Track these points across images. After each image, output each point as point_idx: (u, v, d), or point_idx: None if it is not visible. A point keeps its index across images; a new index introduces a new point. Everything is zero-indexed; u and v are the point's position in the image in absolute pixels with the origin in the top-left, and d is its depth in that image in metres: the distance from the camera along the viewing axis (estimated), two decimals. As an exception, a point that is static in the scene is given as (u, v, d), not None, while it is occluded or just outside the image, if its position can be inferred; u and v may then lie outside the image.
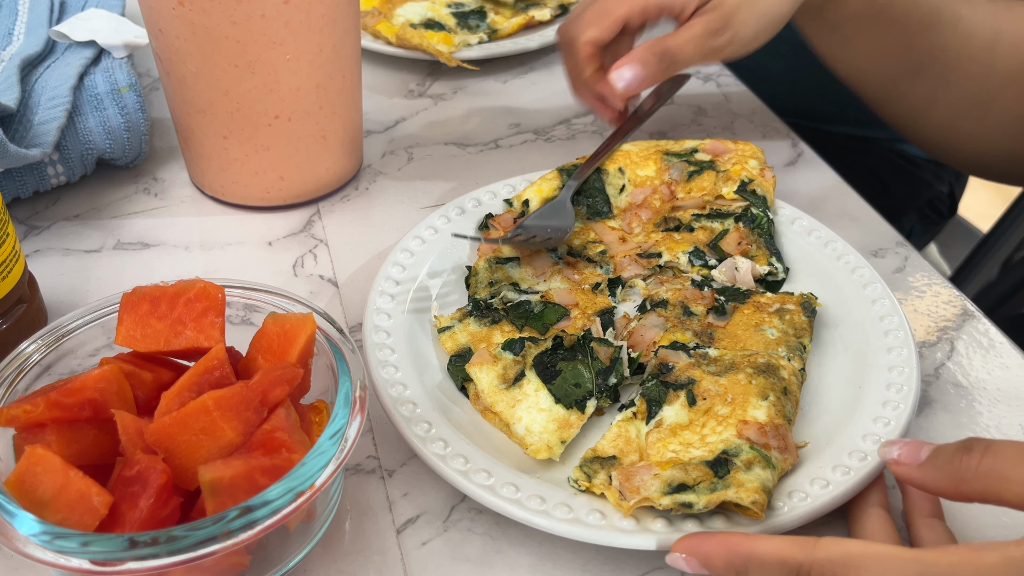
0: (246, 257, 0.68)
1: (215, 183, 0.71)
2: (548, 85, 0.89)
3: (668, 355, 0.55)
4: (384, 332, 0.57)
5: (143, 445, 0.42)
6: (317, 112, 0.67)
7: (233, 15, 0.60)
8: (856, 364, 0.56)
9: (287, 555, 0.46)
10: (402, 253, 0.63)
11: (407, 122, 0.84)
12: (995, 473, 0.39)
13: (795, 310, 0.58)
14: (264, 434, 0.42)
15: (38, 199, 0.72)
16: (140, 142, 0.72)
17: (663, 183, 0.69)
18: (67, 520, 0.39)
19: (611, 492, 0.47)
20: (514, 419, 0.52)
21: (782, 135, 0.83)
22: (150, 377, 0.46)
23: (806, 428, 0.53)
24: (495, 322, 0.58)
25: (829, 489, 0.48)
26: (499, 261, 0.63)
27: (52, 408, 0.42)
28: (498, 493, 0.48)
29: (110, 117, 0.70)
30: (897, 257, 0.69)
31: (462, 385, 0.56)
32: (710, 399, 0.52)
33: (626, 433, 0.51)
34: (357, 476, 0.52)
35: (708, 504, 0.45)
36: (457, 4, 0.96)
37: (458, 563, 0.48)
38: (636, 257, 0.64)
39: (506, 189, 0.69)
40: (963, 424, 0.56)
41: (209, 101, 0.65)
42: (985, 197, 2.37)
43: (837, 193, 0.76)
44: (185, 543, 0.38)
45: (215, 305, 0.47)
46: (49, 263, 0.67)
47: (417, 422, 0.51)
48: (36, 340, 0.48)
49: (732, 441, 0.49)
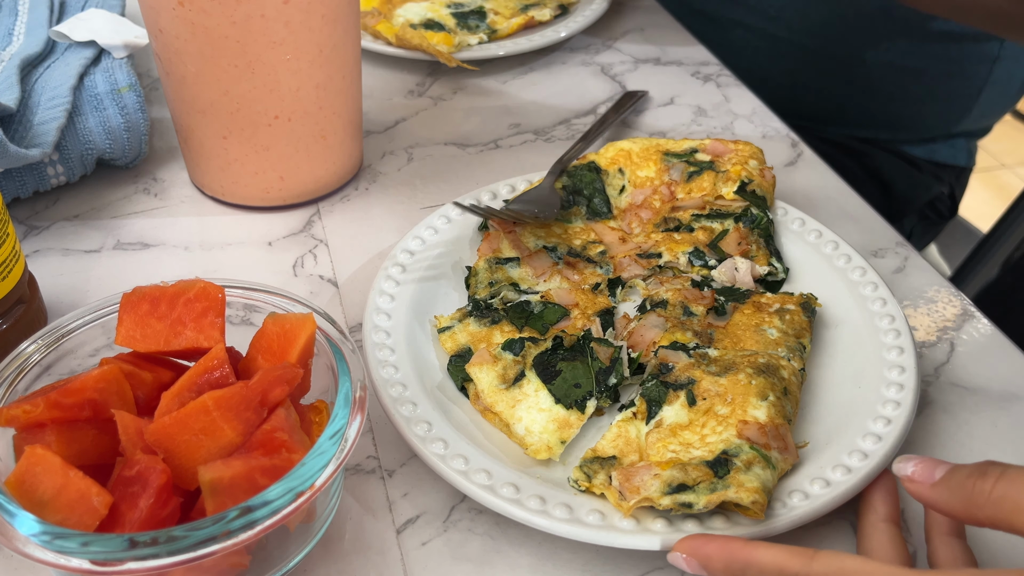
0: (246, 257, 0.68)
1: (215, 183, 0.71)
2: (548, 85, 0.89)
3: (668, 355, 0.55)
4: (384, 332, 0.57)
5: (143, 445, 0.42)
6: (317, 112, 0.67)
7: (233, 15, 0.60)
8: (856, 364, 0.56)
9: (287, 555, 0.46)
10: (402, 253, 0.63)
11: (407, 122, 0.84)
12: (1008, 501, 0.38)
13: (795, 310, 0.58)
14: (264, 434, 0.42)
15: (38, 199, 0.72)
16: (140, 142, 0.72)
17: (663, 183, 0.69)
18: (67, 520, 0.39)
19: (611, 492, 0.47)
20: (514, 419, 0.52)
21: (782, 135, 0.83)
22: (150, 377, 0.46)
23: (806, 428, 0.53)
24: (495, 322, 0.58)
25: (829, 489, 0.48)
26: (499, 261, 0.63)
27: (52, 408, 0.42)
28: (498, 493, 0.48)
29: (110, 117, 0.70)
30: (897, 257, 0.69)
31: (462, 385, 0.56)
32: (710, 399, 0.52)
33: (626, 433, 0.51)
34: (357, 476, 0.52)
35: (708, 504, 0.45)
36: (457, 4, 0.96)
37: (458, 563, 0.48)
38: (636, 257, 0.64)
39: (506, 189, 0.69)
40: (963, 424, 0.56)
41: (209, 101, 0.65)
42: (985, 197, 2.38)
43: (837, 193, 0.76)
44: (185, 543, 0.38)
45: (215, 305, 0.47)
46: (49, 263, 0.67)
47: (417, 422, 0.51)
48: (36, 340, 0.48)
49: (732, 441, 0.49)
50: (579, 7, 0.99)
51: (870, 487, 0.49)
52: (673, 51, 0.96)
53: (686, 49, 0.96)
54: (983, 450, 0.54)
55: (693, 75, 0.91)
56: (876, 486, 0.48)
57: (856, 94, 1.05)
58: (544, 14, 0.96)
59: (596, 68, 0.93)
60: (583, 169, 0.70)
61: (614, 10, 1.03)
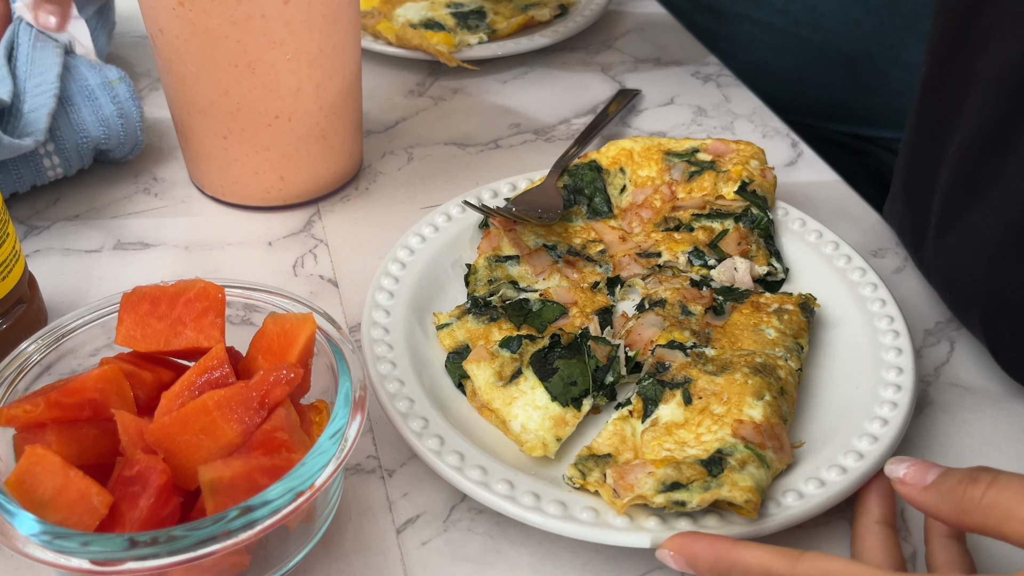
0: (246, 257, 0.68)
1: (215, 183, 0.71)
2: (548, 85, 0.90)
3: (665, 354, 0.55)
4: (382, 328, 0.57)
5: (143, 445, 0.42)
6: (317, 112, 0.67)
7: (233, 15, 0.60)
8: (855, 364, 0.56)
9: (287, 555, 0.46)
10: (402, 250, 0.63)
11: (407, 122, 0.84)
12: (998, 507, 0.38)
13: (793, 310, 0.58)
14: (264, 434, 0.42)
15: (38, 199, 0.72)
16: (135, 131, 0.72)
17: (664, 183, 0.69)
18: (67, 520, 0.39)
19: (605, 490, 0.48)
20: (510, 416, 0.52)
21: (782, 135, 0.83)
22: (150, 377, 0.46)
23: (803, 428, 0.53)
24: (493, 320, 0.58)
25: (824, 489, 0.48)
26: (498, 259, 0.63)
27: (52, 408, 0.42)
28: (492, 490, 0.48)
29: (103, 106, 0.70)
30: (897, 257, 0.69)
31: (459, 382, 0.56)
32: (706, 398, 0.52)
33: (622, 431, 0.51)
34: (357, 476, 0.52)
35: (701, 503, 0.45)
36: (456, 4, 0.96)
37: (458, 563, 0.48)
38: (636, 256, 0.64)
39: (507, 187, 0.69)
40: (963, 424, 0.56)
41: (209, 101, 0.65)
42: (985, 197, 2.37)
43: (837, 193, 0.76)
44: (185, 543, 0.38)
45: (215, 305, 0.47)
46: (49, 263, 0.67)
47: (413, 418, 0.51)
48: (36, 340, 0.48)
49: (727, 440, 0.49)
50: (579, 7, 0.99)
51: (866, 488, 0.48)
52: (673, 51, 0.96)
53: (686, 49, 0.96)
54: (982, 450, 0.54)
55: (693, 75, 0.91)
56: (872, 487, 0.48)
57: (861, 90, 1.05)
58: (544, 14, 0.96)
59: (596, 68, 0.93)
60: (584, 168, 0.70)
61: (614, 10, 1.03)
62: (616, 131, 0.83)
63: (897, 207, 0.68)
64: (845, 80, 1.05)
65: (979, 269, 0.55)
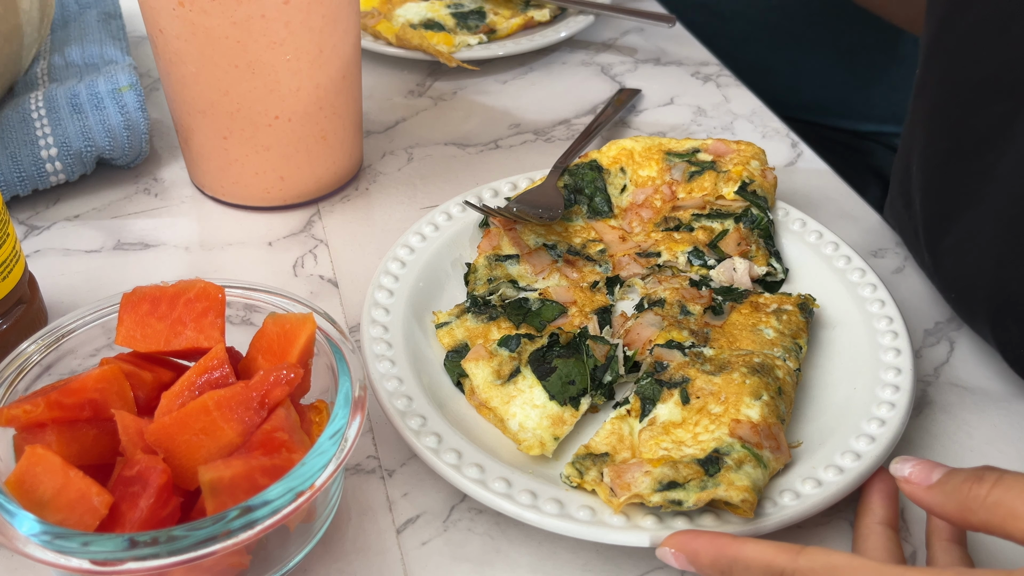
0: (246, 257, 0.68)
1: (215, 183, 0.71)
2: (548, 85, 0.90)
3: (663, 353, 0.55)
4: (381, 327, 0.57)
5: (143, 445, 0.42)
6: (317, 112, 0.68)
7: (233, 15, 0.60)
8: (853, 364, 0.56)
9: (287, 555, 0.46)
10: (403, 249, 0.63)
11: (407, 122, 0.84)
12: (1003, 506, 0.38)
13: (792, 311, 0.58)
14: (264, 434, 0.42)
15: (38, 199, 0.72)
16: (140, 142, 0.72)
17: (664, 183, 0.69)
18: (67, 520, 0.40)
19: (602, 488, 0.48)
20: (508, 415, 0.52)
21: (782, 135, 0.83)
22: (150, 377, 0.46)
23: (801, 428, 0.54)
24: (492, 318, 0.58)
25: (820, 489, 0.48)
26: (498, 258, 0.63)
27: (52, 408, 0.42)
28: (489, 488, 0.48)
29: (110, 116, 0.70)
30: (897, 257, 0.69)
31: (458, 381, 0.56)
32: (704, 398, 0.52)
33: (619, 430, 0.51)
34: (357, 476, 0.52)
35: (698, 502, 0.45)
36: (456, 4, 0.96)
37: (458, 563, 0.48)
38: (635, 256, 0.64)
39: (508, 186, 0.69)
40: (963, 424, 0.56)
41: (209, 101, 0.65)
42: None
43: (837, 193, 0.76)
44: (185, 543, 0.38)
45: (215, 305, 0.47)
46: (49, 263, 0.67)
47: (412, 416, 0.51)
48: (36, 340, 0.48)
49: (724, 440, 0.49)
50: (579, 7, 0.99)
51: (869, 489, 0.48)
52: (673, 51, 0.96)
53: (686, 49, 0.96)
54: (982, 450, 0.54)
55: (693, 75, 0.91)
56: (875, 488, 0.48)
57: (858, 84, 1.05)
58: (544, 14, 0.96)
59: (596, 68, 0.93)
60: (585, 168, 0.70)
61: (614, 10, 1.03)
62: (616, 131, 0.83)
63: (897, 207, 0.68)
64: (842, 74, 1.05)
65: (983, 268, 0.55)
